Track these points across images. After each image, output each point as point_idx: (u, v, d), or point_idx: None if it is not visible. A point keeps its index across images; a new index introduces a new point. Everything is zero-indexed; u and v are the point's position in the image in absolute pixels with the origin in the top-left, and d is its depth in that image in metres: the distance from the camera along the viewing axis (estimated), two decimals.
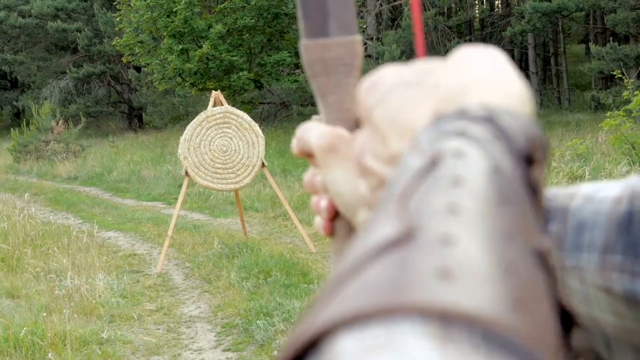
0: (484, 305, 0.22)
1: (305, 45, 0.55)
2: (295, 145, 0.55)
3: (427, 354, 0.20)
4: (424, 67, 0.42)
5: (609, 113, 9.88)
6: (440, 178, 0.29)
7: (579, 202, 0.55)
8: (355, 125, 0.54)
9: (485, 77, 0.38)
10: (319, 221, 0.56)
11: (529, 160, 0.32)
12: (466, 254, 0.25)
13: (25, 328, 4.95)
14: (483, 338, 0.21)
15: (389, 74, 0.43)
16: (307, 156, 0.55)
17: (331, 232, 0.56)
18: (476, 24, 30.03)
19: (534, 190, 0.32)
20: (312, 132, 0.53)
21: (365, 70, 0.40)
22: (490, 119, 0.33)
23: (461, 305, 0.22)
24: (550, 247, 0.29)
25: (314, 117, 0.60)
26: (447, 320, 0.22)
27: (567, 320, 0.29)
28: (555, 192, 0.57)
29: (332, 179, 0.51)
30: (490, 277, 0.24)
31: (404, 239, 0.26)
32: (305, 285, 5.98)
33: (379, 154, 0.42)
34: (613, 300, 0.51)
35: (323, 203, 0.55)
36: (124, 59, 21.32)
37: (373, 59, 20.15)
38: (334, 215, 0.55)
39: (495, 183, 0.29)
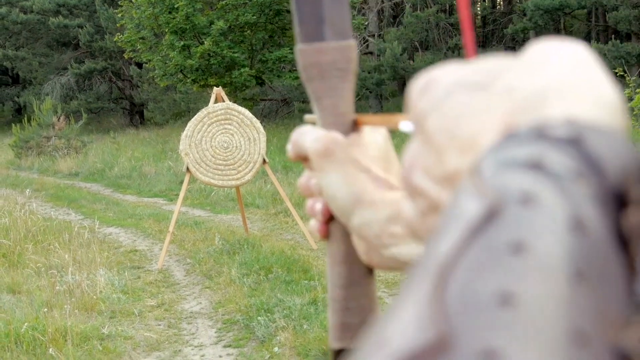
0: None
1: (301, 49, 0.55)
2: (290, 149, 0.55)
3: None
4: (491, 66, 0.33)
5: None
6: (496, 244, 0.22)
7: None
8: (350, 129, 0.55)
9: (568, 81, 0.30)
10: (314, 224, 0.57)
11: (622, 201, 0.24)
12: None
13: (26, 323, 4.95)
14: None
15: (447, 73, 0.34)
16: (303, 160, 0.55)
17: (326, 235, 0.57)
18: (478, 21, 30.01)
19: (625, 247, 0.23)
20: (307, 136, 0.53)
21: (367, 66, 0.38)
22: (575, 142, 0.25)
23: None
24: (638, 343, 0.22)
25: (306, 116, 0.61)
26: None
27: None
28: None
29: (327, 183, 0.52)
30: None
31: (434, 352, 0.21)
32: (306, 281, 5.99)
33: (432, 170, 0.34)
34: None
35: (318, 206, 0.56)
36: (125, 55, 21.30)
37: (374, 56, 20.12)
38: (329, 218, 0.56)
39: (573, 250, 0.22)
